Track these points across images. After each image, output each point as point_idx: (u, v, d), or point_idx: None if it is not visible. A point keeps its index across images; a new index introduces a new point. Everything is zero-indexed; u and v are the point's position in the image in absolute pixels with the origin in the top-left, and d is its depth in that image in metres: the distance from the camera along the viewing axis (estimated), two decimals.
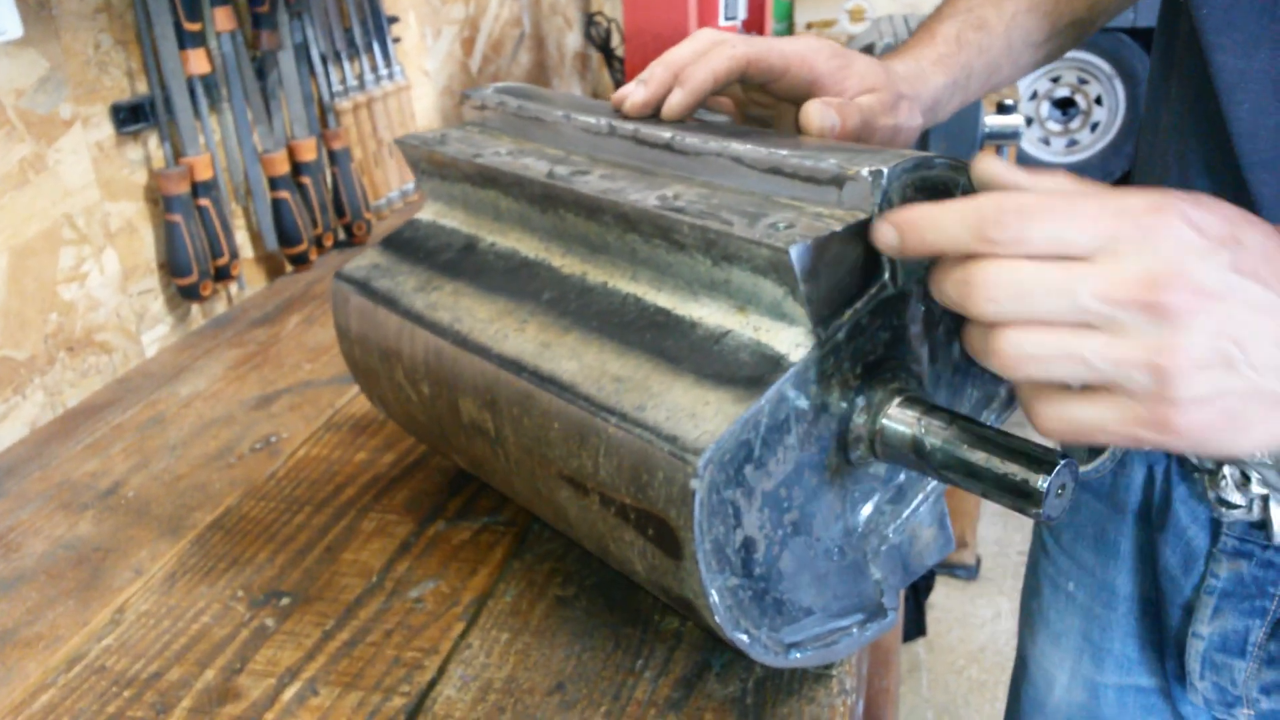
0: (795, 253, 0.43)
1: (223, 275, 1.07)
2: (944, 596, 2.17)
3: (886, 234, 0.43)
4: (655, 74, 0.58)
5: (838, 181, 0.46)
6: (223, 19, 1.06)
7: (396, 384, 0.63)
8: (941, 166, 0.47)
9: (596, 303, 0.53)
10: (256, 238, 1.18)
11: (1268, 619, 0.61)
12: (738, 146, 0.51)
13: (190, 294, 1.03)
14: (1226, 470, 0.59)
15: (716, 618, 0.45)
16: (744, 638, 0.46)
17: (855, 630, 0.51)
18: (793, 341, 0.45)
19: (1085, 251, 0.37)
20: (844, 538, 0.51)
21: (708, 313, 0.48)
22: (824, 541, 0.49)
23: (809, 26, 2.80)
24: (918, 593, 2.04)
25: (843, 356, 0.46)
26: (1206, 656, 0.64)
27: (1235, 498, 0.59)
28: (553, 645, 0.56)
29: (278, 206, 1.16)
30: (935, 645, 2.04)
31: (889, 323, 0.48)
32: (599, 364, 0.49)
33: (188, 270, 1.02)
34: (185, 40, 1.01)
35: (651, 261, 0.51)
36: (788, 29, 3.21)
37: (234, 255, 1.08)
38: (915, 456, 0.47)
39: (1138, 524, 0.69)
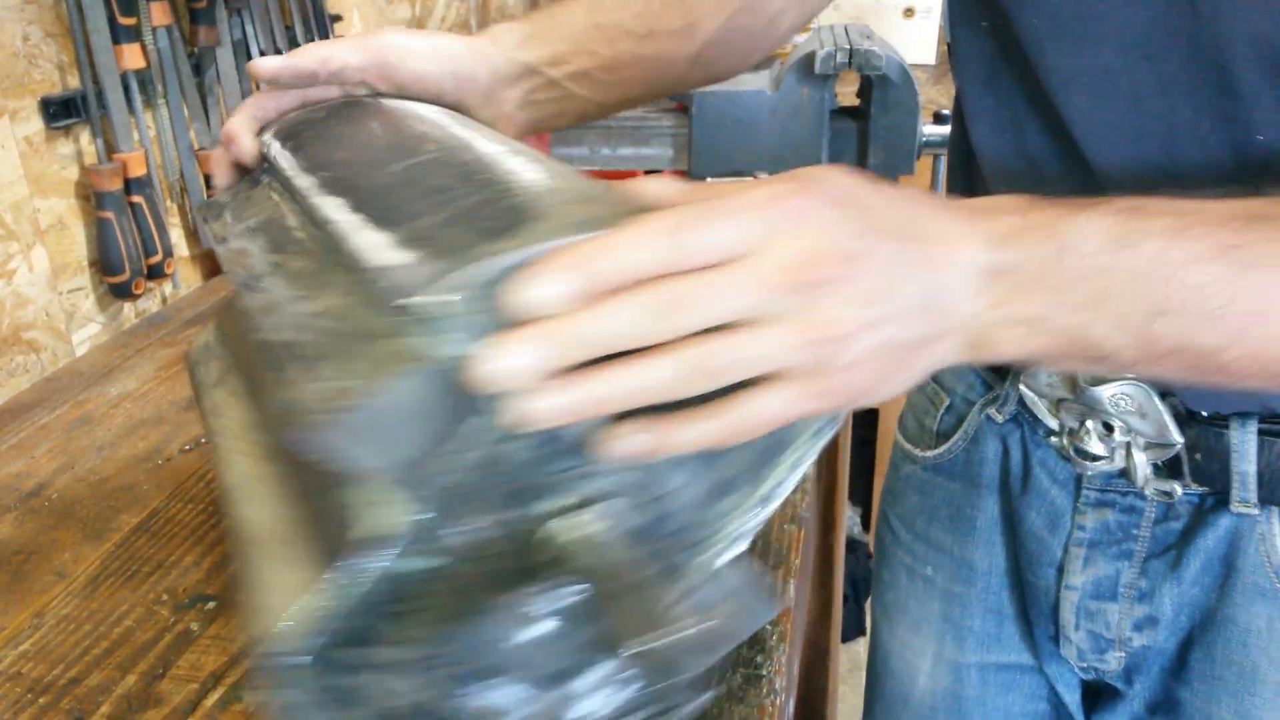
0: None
1: (156, 273, 1.05)
2: None
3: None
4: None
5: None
6: (159, 13, 1.04)
7: None
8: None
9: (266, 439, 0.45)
10: (192, 236, 1.16)
11: (1134, 559, 0.64)
12: (353, 241, 0.42)
13: (122, 292, 1.01)
14: (1090, 424, 0.61)
15: None
16: None
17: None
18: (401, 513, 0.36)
19: (742, 249, 0.35)
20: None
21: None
22: None
23: None
24: (858, 593, 2.07)
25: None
26: (1081, 606, 0.66)
27: (1098, 449, 0.60)
28: None
29: None
30: None
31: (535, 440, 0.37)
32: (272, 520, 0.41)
33: (120, 268, 1.00)
34: (119, 34, 0.99)
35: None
36: None
37: (168, 253, 1.06)
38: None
39: (995, 496, 0.71)
